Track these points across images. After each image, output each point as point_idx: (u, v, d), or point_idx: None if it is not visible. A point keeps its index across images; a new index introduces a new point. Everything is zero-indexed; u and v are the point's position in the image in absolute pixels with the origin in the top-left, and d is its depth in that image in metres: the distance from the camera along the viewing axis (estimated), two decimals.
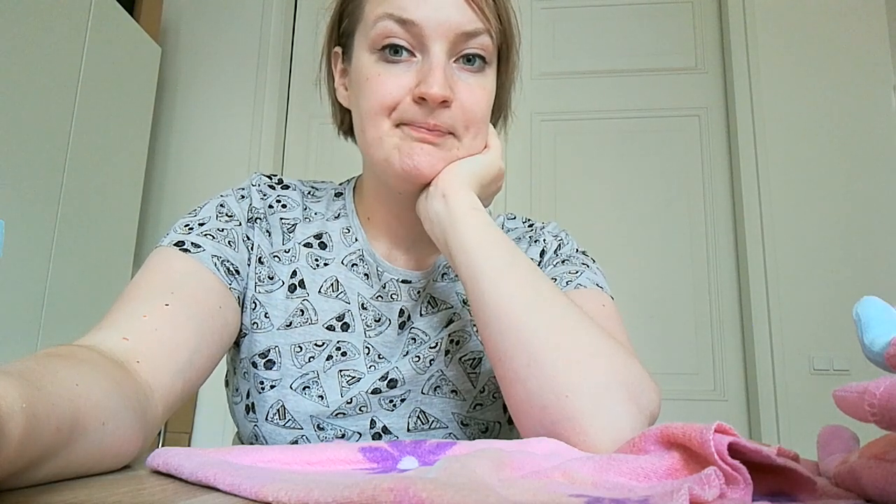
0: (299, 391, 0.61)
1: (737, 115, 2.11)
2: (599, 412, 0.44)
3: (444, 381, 0.63)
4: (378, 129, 0.57)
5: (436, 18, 0.56)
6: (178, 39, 2.42)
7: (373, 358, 0.63)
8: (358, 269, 0.65)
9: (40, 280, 1.67)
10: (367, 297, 0.64)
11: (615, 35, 2.31)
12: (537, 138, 2.27)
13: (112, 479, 0.36)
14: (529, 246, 0.70)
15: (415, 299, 0.65)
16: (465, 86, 0.57)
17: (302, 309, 0.62)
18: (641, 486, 0.30)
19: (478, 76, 0.58)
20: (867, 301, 0.31)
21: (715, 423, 0.29)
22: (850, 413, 0.27)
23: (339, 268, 0.65)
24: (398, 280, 0.65)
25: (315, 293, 0.63)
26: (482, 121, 0.59)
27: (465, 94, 0.57)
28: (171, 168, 2.33)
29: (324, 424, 0.61)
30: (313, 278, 0.64)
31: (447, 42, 0.56)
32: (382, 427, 0.61)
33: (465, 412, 0.61)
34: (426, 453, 0.38)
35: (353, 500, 0.25)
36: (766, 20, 2.15)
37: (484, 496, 0.24)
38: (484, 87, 0.59)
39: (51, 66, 1.70)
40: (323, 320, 0.62)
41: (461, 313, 0.65)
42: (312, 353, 0.61)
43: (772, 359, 1.93)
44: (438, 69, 0.55)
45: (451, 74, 0.57)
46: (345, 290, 0.64)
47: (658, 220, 2.15)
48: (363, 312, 0.64)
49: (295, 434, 0.61)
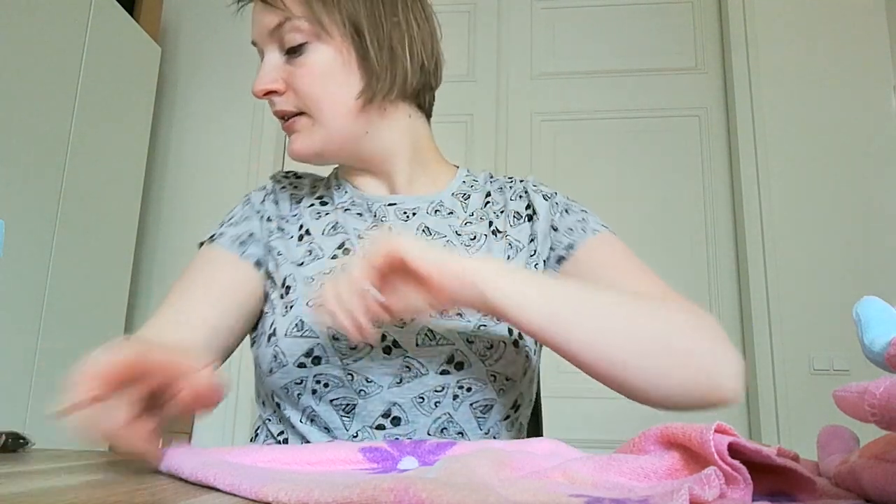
0: (315, 308, 0.65)
1: (737, 115, 2.11)
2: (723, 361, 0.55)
3: None
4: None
5: (257, 31, 0.69)
6: (178, 39, 2.42)
7: None
8: (351, 212, 0.75)
9: (40, 280, 1.67)
10: (361, 230, 0.73)
11: (615, 35, 2.31)
12: (537, 138, 2.27)
13: (112, 479, 0.36)
14: (511, 199, 0.76)
15: (403, 220, 0.73)
16: (292, 70, 0.68)
17: (310, 250, 0.71)
18: (641, 486, 0.30)
19: (301, 57, 0.67)
20: (867, 301, 0.31)
21: (715, 423, 0.29)
22: (850, 413, 0.27)
23: (336, 212, 0.75)
24: (385, 204, 0.74)
25: (319, 235, 0.72)
26: (315, 93, 0.68)
27: (292, 79, 0.68)
28: (171, 168, 2.33)
29: (338, 335, 0.64)
30: (317, 225, 0.74)
31: (269, 43, 0.69)
32: (393, 341, 0.64)
33: (469, 331, 0.64)
34: (426, 453, 0.38)
35: (353, 500, 0.25)
36: (766, 20, 2.15)
37: (484, 496, 0.24)
38: (305, 65, 0.67)
39: (51, 66, 1.70)
40: (328, 253, 0.70)
41: (458, 249, 0.71)
42: (323, 280, 0.67)
43: (772, 359, 1.93)
44: (260, 69, 0.69)
45: (282, 67, 0.68)
46: (343, 227, 0.73)
47: (658, 220, 2.15)
48: (360, 241, 0.72)
49: (311, 342, 0.64)
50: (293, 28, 0.66)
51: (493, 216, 0.74)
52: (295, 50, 0.67)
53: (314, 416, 0.65)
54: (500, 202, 0.76)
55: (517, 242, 0.72)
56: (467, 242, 0.71)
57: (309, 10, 0.67)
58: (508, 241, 0.72)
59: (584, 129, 2.26)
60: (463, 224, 0.73)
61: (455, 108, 2.32)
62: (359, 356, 0.64)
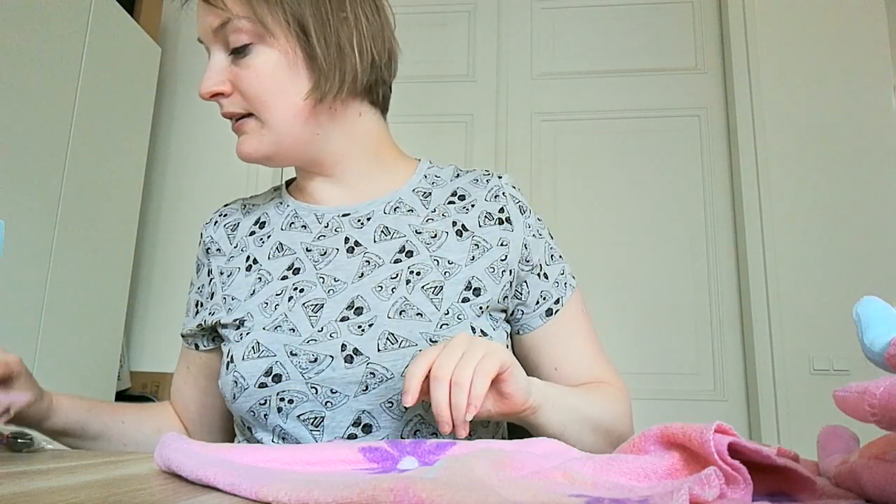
0: (271, 330, 0.66)
1: (737, 115, 2.11)
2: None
3: (409, 305, 0.65)
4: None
5: (202, 30, 0.67)
6: (178, 39, 2.42)
7: (329, 284, 0.68)
8: (295, 226, 0.74)
9: (40, 280, 1.67)
10: (309, 241, 0.72)
11: (615, 35, 2.31)
12: (537, 138, 2.27)
13: (112, 479, 0.36)
14: (486, 200, 0.73)
15: (359, 227, 0.72)
16: (237, 72, 0.66)
17: (259, 277, 0.71)
18: (641, 486, 0.30)
19: (246, 58, 0.65)
20: (867, 301, 0.31)
21: (715, 423, 0.29)
22: (850, 413, 0.27)
23: (279, 233, 0.74)
24: (339, 215, 0.73)
25: (266, 260, 0.72)
26: (262, 94, 0.66)
27: (237, 80, 0.66)
28: (171, 168, 2.33)
29: (296, 350, 0.64)
30: (261, 251, 0.73)
31: (214, 43, 0.66)
32: (353, 349, 0.63)
33: (431, 331, 0.64)
34: (426, 453, 0.38)
35: (353, 500, 0.25)
36: (766, 20, 2.15)
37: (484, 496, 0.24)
38: (251, 65, 0.65)
39: (51, 66, 1.70)
40: (277, 275, 0.71)
41: (419, 247, 0.70)
42: (276, 301, 0.68)
43: (772, 359, 1.93)
44: (206, 70, 0.67)
45: (227, 68, 0.67)
46: (288, 245, 0.73)
47: (658, 220, 2.15)
48: (309, 254, 0.71)
49: (269, 361, 0.64)
50: (235, 29, 0.64)
51: (459, 213, 0.72)
52: (240, 51, 0.65)
53: (284, 434, 0.64)
54: (470, 196, 0.74)
55: (485, 243, 0.70)
56: (427, 241, 0.70)
57: (250, 10, 0.64)
58: (475, 240, 0.70)
59: (584, 129, 2.26)
60: (424, 221, 0.71)
61: (455, 108, 2.32)
62: (320, 368, 0.63)
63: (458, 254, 0.69)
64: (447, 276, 0.67)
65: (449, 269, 0.68)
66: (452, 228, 0.71)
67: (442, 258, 0.69)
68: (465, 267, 0.68)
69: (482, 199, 0.73)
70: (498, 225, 0.72)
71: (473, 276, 0.68)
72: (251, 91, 0.66)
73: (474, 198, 0.73)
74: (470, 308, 0.66)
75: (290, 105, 0.67)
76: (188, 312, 0.79)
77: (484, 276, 0.68)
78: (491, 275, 0.68)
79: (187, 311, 0.80)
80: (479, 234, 0.70)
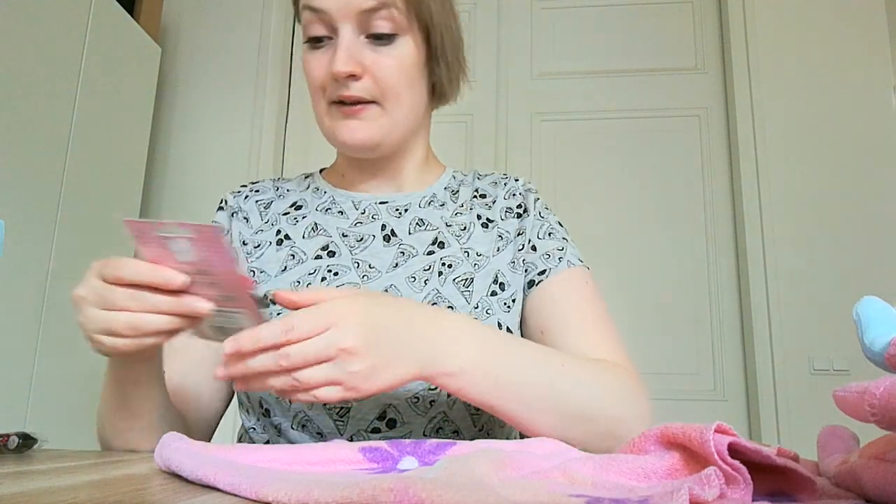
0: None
1: (737, 115, 2.11)
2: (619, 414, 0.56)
3: (440, 298, 0.67)
4: (318, 107, 0.69)
5: (340, 4, 0.64)
6: (178, 39, 2.42)
7: (363, 270, 0.69)
8: (332, 211, 0.74)
9: (40, 280, 1.67)
10: (345, 227, 0.72)
11: (615, 35, 2.31)
12: (537, 138, 2.27)
13: (112, 479, 0.36)
14: (505, 198, 0.76)
15: (396, 217, 0.73)
16: (375, 57, 0.65)
17: (292, 254, 0.71)
18: (641, 486, 0.30)
19: (388, 47, 0.65)
20: (867, 301, 0.31)
21: (715, 423, 0.29)
22: (850, 413, 0.27)
23: (314, 215, 0.74)
24: (377, 203, 0.74)
25: (300, 239, 0.72)
26: (396, 87, 0.66)
27: (374, 66, 0.65)
28: (171, 168, 2.33)
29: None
30: (296, 230, 0.73)
31: (352, 22, 0.64)
32: None
33: None
34: (426, 453, 0.38)
35: (353, 500, 0.25)
36: (766, 20, 2.15)
37: (484, 496, 0.24)
38: (393, 56, 0.65)
39: (51, 66, 1.70)
40: (311, 255, 0.70)
41: (450, 240, 0.72)
42: (308, 280, 0.68)
43: (772, 359, 1.93)
44: (342, 48, 0.64)
45: (361, 50, 0.65)
46: (324, 228, 0.73)
47: (658, 220, 2.15)
48: (345, 239, 0.71)
49: None
50: (389, 16, 0.64)
51: (482, 209, 0.76)
52: (381, 37, 0.65)
53: (306, 421, 0.64)
54: (491, 195, 0.77)
55: (507, 234, 0.73)
56: (457, 233, 0.72)
57: (407, 2, 0.65)
58: (499, 232, 0.73)
59: (584, 129, 2.26)
60: (453, 215, 0.74)
61: (455, 108, 2.31)
62: None
63: (485, 245, 0.72)
64: (477, 268, 0.70)
65: (478, 260, 0.70)
66: (478, 221, 0.74)
67: (471, 249, 0.71)
68: (493, 258, 0.71)
69: (501, 198, 0.76)
70: (516, 218, 0.75)
71: (499, 269, 0.70)
72: (390, 80, 0.66)
73: (495, 196, 0.77)
74: (497, 303, 0.68)
75: (416, 101, 0.69)
76: None
77: (507, 270, 0.71)
78: (511, 268, 0.71)
79: None
80: (502, 226, 0.74)
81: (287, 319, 0.44)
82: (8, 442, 0.53)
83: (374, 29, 0.64)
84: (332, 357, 0.44)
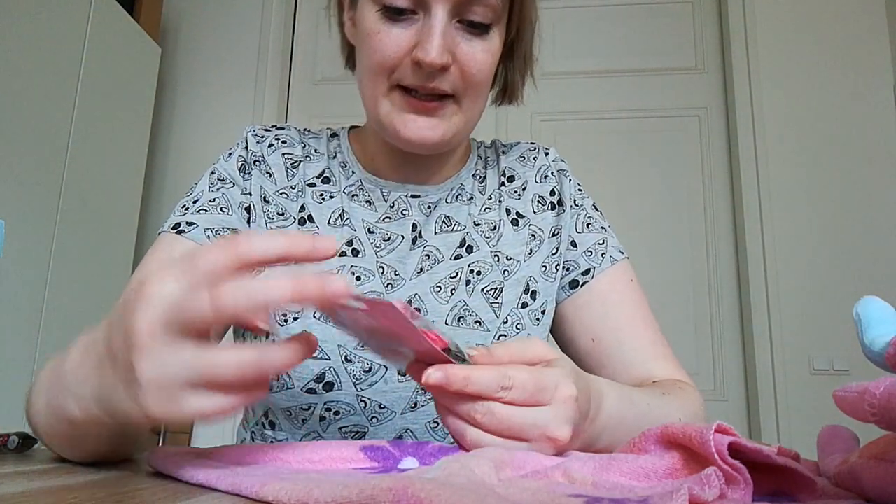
0: (323, 319, 0.57)
1: (737, 115, 2.11)
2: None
3: (468, 311, 0.62)
4: (375, 89, 0.58)
5: None
6: (178, 39, 2.42)
7: (388, 277, 0.62)
8: (359, 199, 0.66)
9: (40, 280, 1.67)
10: (371, 222, 0.64)
11: (615, 35, 2.31)
12: (537, 138, 2.27)
13: (112, 479, 0.36)
14: (537, 181, 0.70)
15: (426, 214, 0.66)
16: (467, 49, 0.56)
17: None
18: (641, 486, 0.30)
19: (481, 39, 0.57)
20: (867, 301, 0.31)
21: (715, 423, 0.29)
22: (850, 413, 0.27)
23: (342, 198, 0.65)
24: (408, 196, 0.66)
25: (324, 225, 0.64)
26: (483, 83, 0.59)
27: (466, 58, 0.56)
28: (171, 167, 2.33)
29: (351, 356, 0.57)
30: (321, 211, 0.64)
31: (449, 3, 0.54)
32: None
33: (489, 342, 0.60)
34: (428, 455, 0.38)
35: (353, 499, 0.25)
36: (766, 20, 2.15)
37: (483, 496, 0.24)
38: (487, 50, 0.57)
39: (51, 66, 1.70)
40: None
41: (478, 242, 0.65)
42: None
43: (772, 359, 1.93)
44: (437, 34, 0.54)
45: (452, 37, 0.55)
46: (350, 217, 0.64)
47: (658, 220, 2.15)
48: (371, 236, 0.64)
49: (323, 366, 0.56)
50: (491, 5, 0.56)
51: (511, 198, 0.69)
52: (476, 25, 0.56)
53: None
54: (521, 176, 0.70)
55: (540, 233, 0.67)
56: (487, 234, 0.66)
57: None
58: (531, 230, 0.67)
59: (584, 129, 2.26)
60: (481, 210, 0.68)
61: None
62: (373, 380, 0.58)
63: (515, 247, 0.66)
64: (506, 275, 0.64)
65: (508, 266, 0.65)
66: (507, 217, 0.68)
67: (501, 253, 0.65)
68: (524, 263, 0.65)
69: (532, 181, 0.70)
70: (551, 210, 0.69)
71: (531, 276, 0.65)
72: (479, 76, 0.57)
73: (524, 179, 0.70)
74: (528, 315, 0.64)
75: (487, 97, 0.62)
76: (192, 210, 0.61)
77: (538, 276, 0.66)
78: (544, 274, 0.66)
79: (186, 211, 0.61)
80: (535, 223, 0.68)
81: (506, 374, 0.37)
82: (8, 442, 0.53)
83: (470, 15, 0.55)
84: (535, 440, 0.37)
